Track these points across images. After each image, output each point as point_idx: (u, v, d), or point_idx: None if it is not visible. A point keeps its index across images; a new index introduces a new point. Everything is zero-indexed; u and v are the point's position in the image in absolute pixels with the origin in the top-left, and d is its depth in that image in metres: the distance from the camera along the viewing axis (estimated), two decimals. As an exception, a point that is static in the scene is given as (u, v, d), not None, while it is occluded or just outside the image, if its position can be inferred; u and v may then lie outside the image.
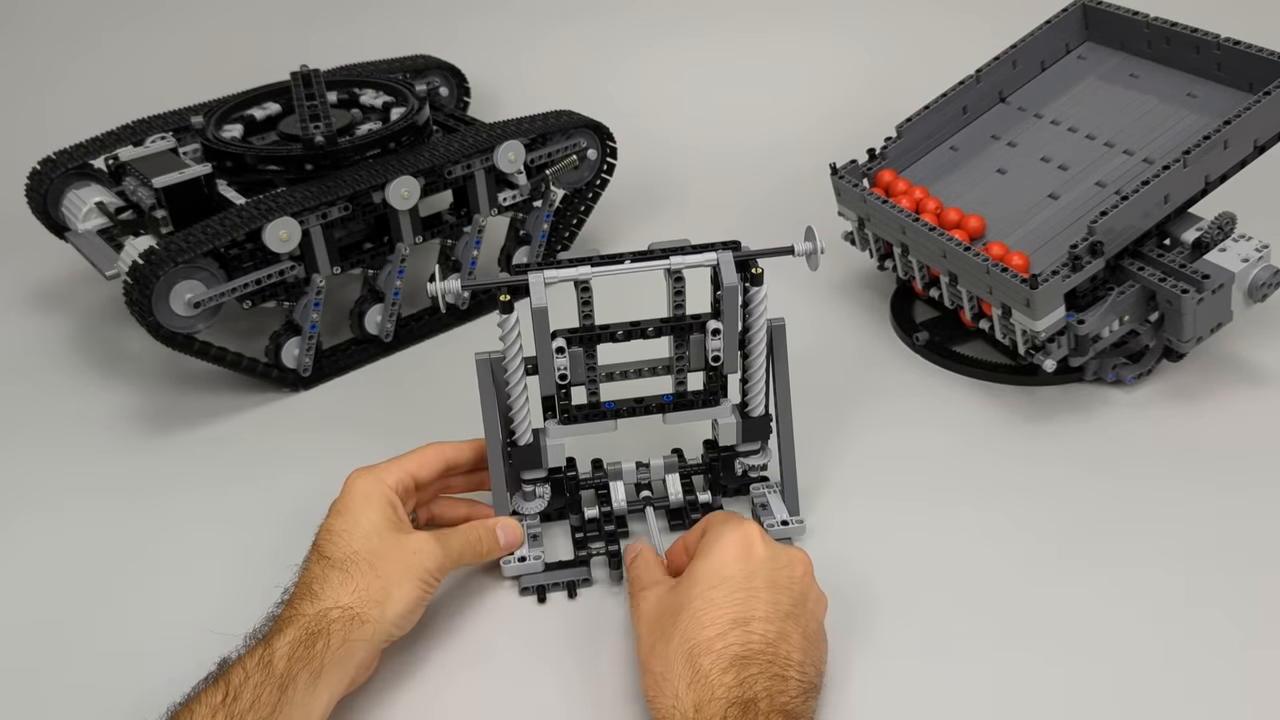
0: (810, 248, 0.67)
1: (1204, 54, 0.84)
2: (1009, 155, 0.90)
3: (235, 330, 0.95)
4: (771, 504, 0.71)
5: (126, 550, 0.74)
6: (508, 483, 0.70)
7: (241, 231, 0.80)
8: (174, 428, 0.86)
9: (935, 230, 0.80)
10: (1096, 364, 0.81)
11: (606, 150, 1.01)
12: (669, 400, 0.69)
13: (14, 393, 0.92)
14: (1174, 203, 0.76)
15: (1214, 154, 0.75)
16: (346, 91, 1.02)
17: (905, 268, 0.87)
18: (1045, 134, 0.89)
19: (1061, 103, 0.91)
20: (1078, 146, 0.86)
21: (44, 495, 0.79)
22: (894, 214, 0.84)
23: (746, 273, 0.66)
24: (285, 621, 0.56)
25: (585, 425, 0.69)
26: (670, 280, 0.66)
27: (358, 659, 0.57)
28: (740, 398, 0.71)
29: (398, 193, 0.87)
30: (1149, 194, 0.74)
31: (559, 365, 0.66)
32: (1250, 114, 0.75)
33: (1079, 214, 0.81)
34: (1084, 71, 0.93)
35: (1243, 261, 0.74)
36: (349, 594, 0.58)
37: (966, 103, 0.93)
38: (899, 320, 0.92)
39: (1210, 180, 0.77)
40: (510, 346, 0.65)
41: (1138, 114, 0.86)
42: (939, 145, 0.94)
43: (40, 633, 0.67)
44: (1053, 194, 0.84)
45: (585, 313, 0.66)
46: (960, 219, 0.84)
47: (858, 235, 0.92)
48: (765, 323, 0.67)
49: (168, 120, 1.00)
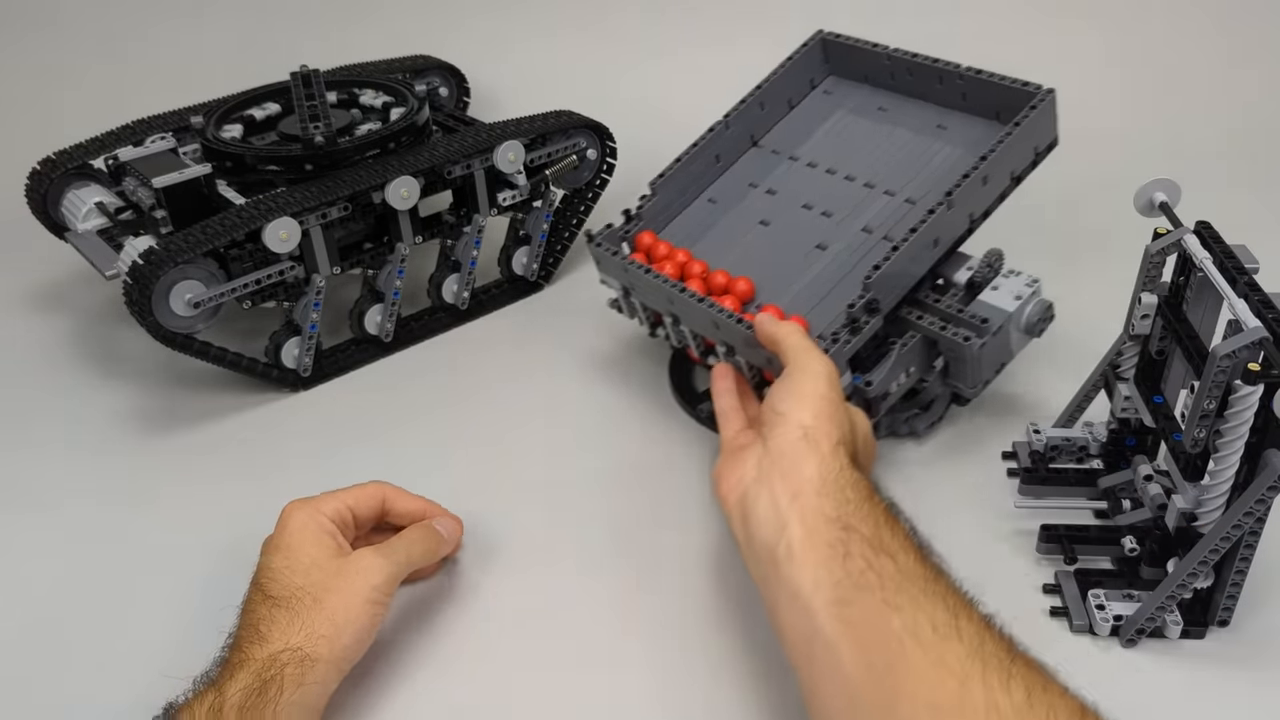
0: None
1: (948, 84, 0.82)
2: (770, 204, 0.84)
3: (235, 330, 0.95)
4: None
5: (126, 550, 0.74)
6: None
7: (241, 231, 0.80)
8: (174, 428, 0.86)
9: (704, 301, 0.74)
10: (889, 420, 0.78)
11: (606, 150, 1.01)
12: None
13: (14, 393, 0.92)
14: (944, 245, 0.74)
15: (975, 191, 0.73)
16: (346, 92, 1.02)
17: (678, 337, 0.80)
18: (803, 178, 0.85)
19: (815, 142, 0.87)
20: (838, 190, 0.82)
21: (43, 495, 0.79)
22: (659, 284, 0.77)
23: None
24: (235, 666, 0.54)
25: None
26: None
27: (312, 703, 0.55)
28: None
29: (397, 193, 0.87)
30: (918, 240, 0.71)
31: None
32: (1005, 146, 0.74)
33: (849, 264, 0.77)
34: (832, 107, 0.89)
35: (1016, 299, 0.72)
36: (297, 634, 0.56)
37: (719, 151, 0.87)
38: (679, 390, 0.86)
39: (975, 218, 0.75)
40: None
41: (892, 150, 0.83)
42: (697, 199, 0.87)
43: (40, 633, 0.67)
44: (820, 244, 0.79)
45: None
46: (729, 282, 0.78)
47: (624, 303, 0.85)
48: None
49: (168, 120, 1.00)
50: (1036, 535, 0.69)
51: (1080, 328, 0.83)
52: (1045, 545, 0.69)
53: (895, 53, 0.85)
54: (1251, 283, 0.58)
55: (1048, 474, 0.74)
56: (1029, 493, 0.73)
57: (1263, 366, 0.53)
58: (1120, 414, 0.70)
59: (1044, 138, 0.77)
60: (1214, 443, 0.56)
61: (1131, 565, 0.66)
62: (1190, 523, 0.59)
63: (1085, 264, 1.01)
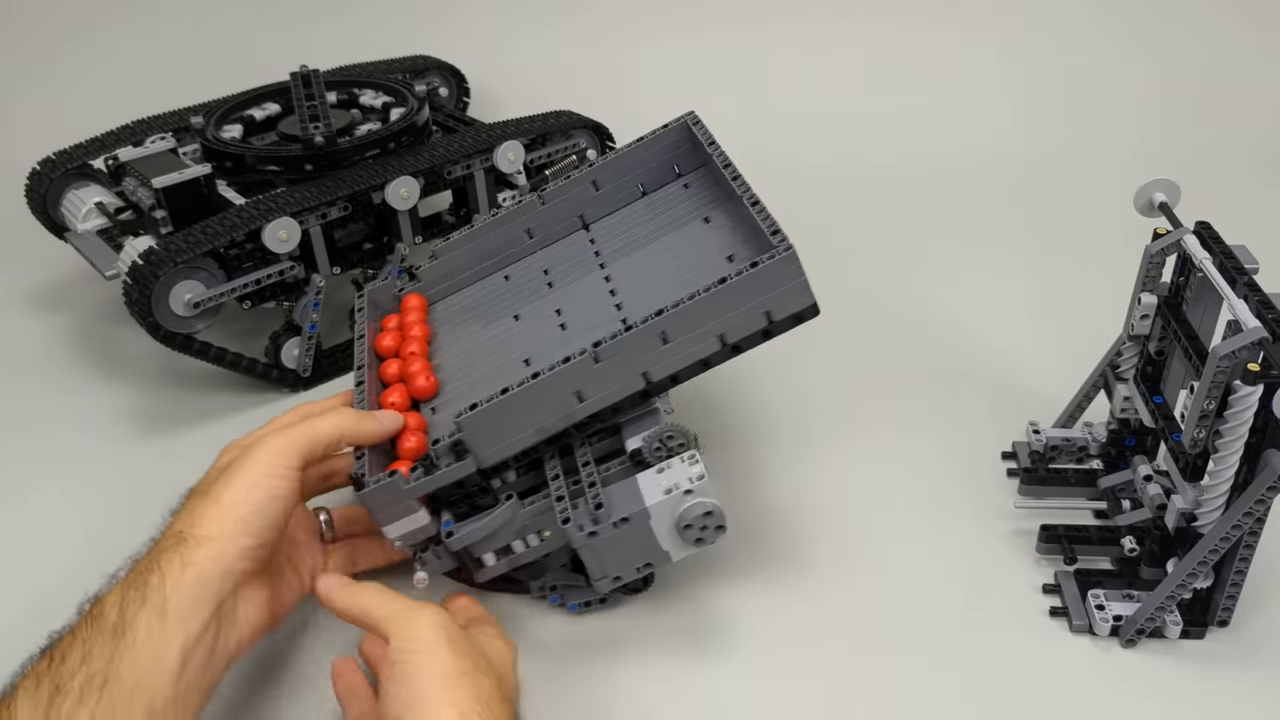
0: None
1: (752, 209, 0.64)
2: (539, 299, 0.72)
3: (235, 330, 0.95)
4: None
5: (126, 550, 0.74)
6: None
7: (241, 231, 0.80)
8: (174, 428, 0.86)
9: (362, 386, 0.67)
10: (539, 582, 0.66)
11: (606, 150, 1.01)
12: None
13: (13, 392, 0.92)
14: (598, 400, 0.59)
15: (646, 349, 0.59)
16: (346, 92, 1.02)
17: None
18: (583, 279, 0.71)
19: (623, 241, 0.73)
20: (597, 300, 0.68)
21: (43, 495, 0.79)
22: (359, 348, 0.70)
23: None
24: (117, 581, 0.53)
25: None
26: None
27: (217, 586, 0.52)
28: None
29: (397, 193, 0.87)
30: (543, 386, 0.58)
31: None
32: (699, 304, 0.58)
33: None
34: (676, 204, 0.73)
35: (665, 492, 0.57)
36: (180, 522, 0.54)
37: (532, 225, 0.75)
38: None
39: (661, 377, 0.60)
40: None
41: (675, 271, 0.68)
42: (495, 272, 0.76)
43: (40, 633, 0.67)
44: (527, 358, 0.67)
45: None
46: (421, 373, 0.68)
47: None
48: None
49: (167, 120, 1.00)
50: (1036, 535, 0.69)
51: (1082, 327, 0.83)
52: (1045, 545, 0.69)
53: (718, 157, 0.69)
54: (1251, 283, 0.58)
55: (1047, 474, 0.74)
56: (1029, 493, 0.73)
57: (1262, 367, 0.53)
58: (1120, 414, 0.70)
59: (786, 304, 0.59)
60: (1213, 443, 0.57)
61: (1131, 565, 0.66)
62: (1190, 523, 0.59)
63: (1087, 262, 1.02)
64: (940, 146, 1.24)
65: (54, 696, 0.47)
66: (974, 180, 1.18)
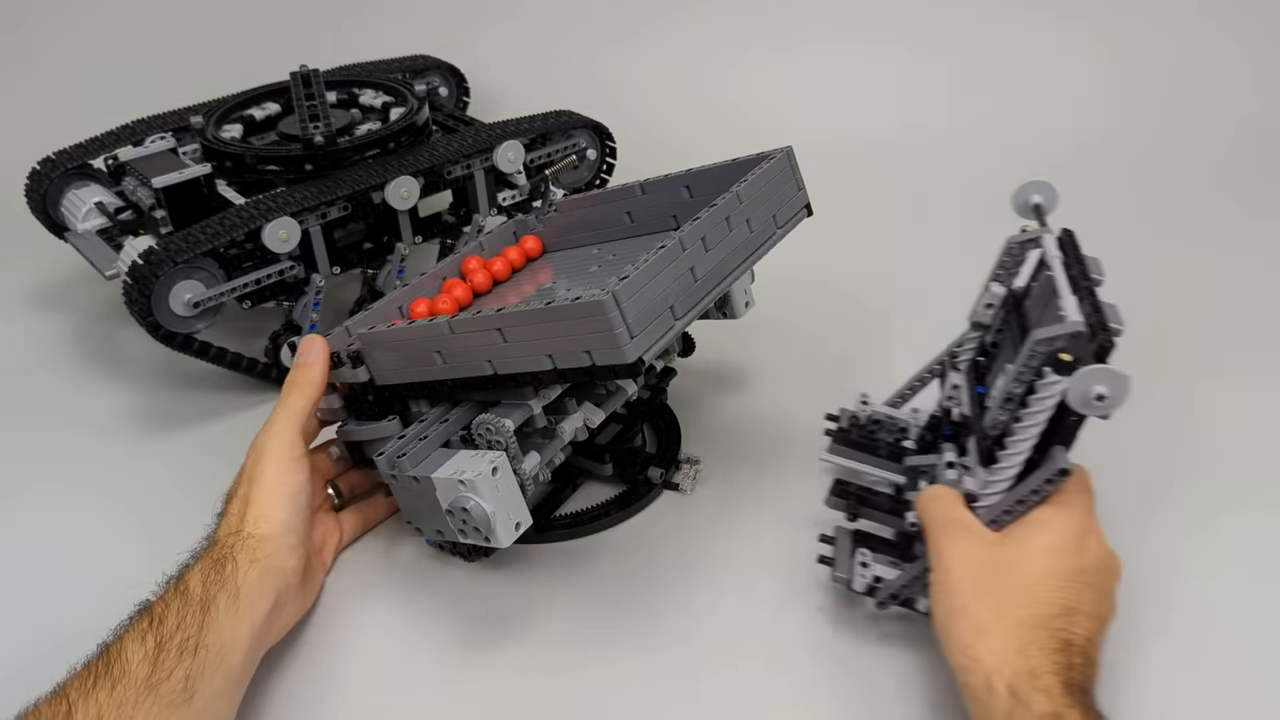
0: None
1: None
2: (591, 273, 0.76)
3: (235, 330, 0.95)
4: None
5: (126, 550, 0.74)
6: None
7: (241, 231, 0.80)
8: (174, 428, 0.86)
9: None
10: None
11: (606, 150, 1.01)
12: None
13: (14, 392, 0.92)
14: (449, 368, 0.62)
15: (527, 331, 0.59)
16: (346, 91, 1.02)
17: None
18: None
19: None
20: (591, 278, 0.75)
21: (43, 495, 0.79)
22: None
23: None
24: (194, 559, 0.60)
25: None
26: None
27: (275, 582, 0.60)
28: None
29: (397, 193, 0.87)
30: (417, 334, 0.63)
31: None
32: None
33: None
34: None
35: (452, 473, 0.59)
36: (237, 519, 0.62)
37: (630, 209, 0.78)
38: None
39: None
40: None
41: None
42: (589, 244, 0.82)
43: (40, 633, 0.67)
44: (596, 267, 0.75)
45: None
46: (446, 301, 0.75)
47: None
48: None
49: (167, 120, 1.00)
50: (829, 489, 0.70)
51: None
52: (834, 500, 0.70)
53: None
54: (1091, 290, 0.59)
55: (860, 439, 0.73)
56: (838, 452, 0.73)
57: (1072, 358, 0.54)
58: (945, 401, 0.70)
59: (602, 352, 0.56)
60: (1010, 427, 0.57)
61: (909, 541, 0.66)
62: (970, 504, 0.60)
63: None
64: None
65: (158, 650, 0.54)
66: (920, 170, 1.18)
